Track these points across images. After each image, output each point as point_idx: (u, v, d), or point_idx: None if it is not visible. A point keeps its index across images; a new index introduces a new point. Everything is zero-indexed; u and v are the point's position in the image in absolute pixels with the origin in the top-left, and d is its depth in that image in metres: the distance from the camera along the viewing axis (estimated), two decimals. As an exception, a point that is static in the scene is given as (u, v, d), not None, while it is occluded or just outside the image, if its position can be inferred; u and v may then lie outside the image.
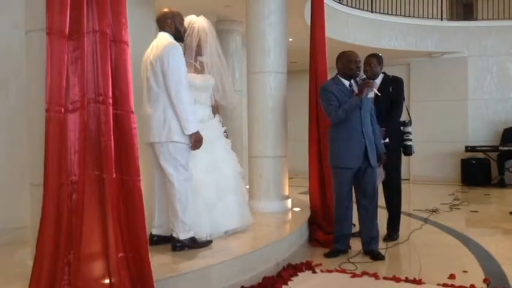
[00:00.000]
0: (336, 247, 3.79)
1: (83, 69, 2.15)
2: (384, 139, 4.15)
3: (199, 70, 3.52)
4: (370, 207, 3.72)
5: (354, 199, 3.86)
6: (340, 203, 3.76)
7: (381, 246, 3.91)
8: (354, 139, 3.63)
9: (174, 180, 3.02)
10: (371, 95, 3.70)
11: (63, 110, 2.10)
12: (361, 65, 3.83)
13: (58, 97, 2.09)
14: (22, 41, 2.48)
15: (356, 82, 3.77)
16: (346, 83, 3.73)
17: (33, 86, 2.37)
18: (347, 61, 3.72)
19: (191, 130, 3.02)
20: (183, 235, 3.05)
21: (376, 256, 3.66)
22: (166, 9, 3.23)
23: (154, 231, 3.22)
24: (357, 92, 3.68)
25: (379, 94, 3.75)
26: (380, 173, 4.00)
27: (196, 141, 3.07)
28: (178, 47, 3.06)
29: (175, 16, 3.21)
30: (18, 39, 2.95)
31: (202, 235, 3.24)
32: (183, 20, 3.29)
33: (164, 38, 3.11)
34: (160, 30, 3.20)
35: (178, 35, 3.21)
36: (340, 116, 3.60)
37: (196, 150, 3.35)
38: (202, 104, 3.52)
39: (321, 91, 3.80)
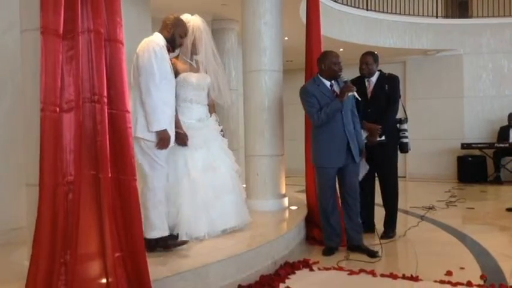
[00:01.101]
0: (328, 245, 3.82)
1: (77, 68, 2.14)
2: (380, 137, 4.17)
3: (195, 69, 3.52)
4: (354, 202, 3.77)
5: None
6: (325, 201, 3.80)
7: (378, 243, 3.91)
8: (337, 139, 3.67)
9: (147, 178, 2.94)
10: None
11: (58, 109, 2.09)
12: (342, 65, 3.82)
13: (53, 97, 2.08)
14: (17, 40, 2.47)
15: (337, 82, 3.78)
16: (327, 83, 3.75)
17: (28, 86, 2.35)
18: (330, 63, 3.73)
19: (155, 127, 2.88)
20: (147, 234, 2.93)
21: (368, 252, 3.68)
22: (175, 15, 3.17)
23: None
24: (338, 92, 3.70)
25: (360, 99, 3.79)
26: (363, 165, 4.06)
27: (162, 139, 2.91)
28: (154, 43, 2.98)
29: (179, 26, 3.14)
30: (13, 38, 2.93)
31: (200, 234, 3.25)
32: (184, 33, 3.20)
33: (153, 36, 3.07)
34: (158, 30, 3.16)
35: (172, 43, 3.13)
36: (322, 119, 3.64)
37: (193, 150, 3.35)
38: (199, 103, 3.52)
39: (303, 93, 3.80)
